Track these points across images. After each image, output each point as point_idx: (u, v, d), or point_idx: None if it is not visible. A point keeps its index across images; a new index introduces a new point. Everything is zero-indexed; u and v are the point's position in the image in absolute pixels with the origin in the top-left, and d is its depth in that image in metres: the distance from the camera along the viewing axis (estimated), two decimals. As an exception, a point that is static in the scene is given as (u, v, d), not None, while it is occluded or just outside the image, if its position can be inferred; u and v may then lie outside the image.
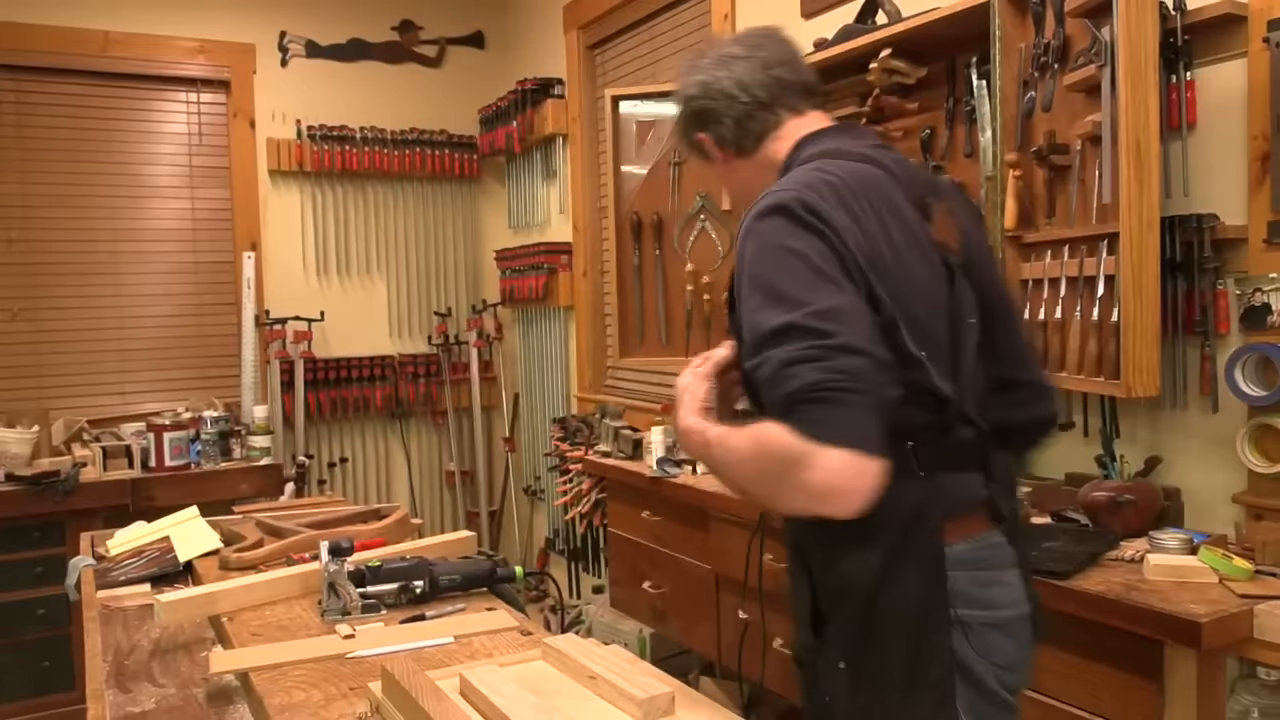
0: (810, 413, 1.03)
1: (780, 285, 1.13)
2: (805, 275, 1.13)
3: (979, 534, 1.23)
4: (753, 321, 1.14)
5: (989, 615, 1.21)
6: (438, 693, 1.13)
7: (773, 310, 1.11)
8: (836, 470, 1.02)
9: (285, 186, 4.46)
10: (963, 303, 1.24)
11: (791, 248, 1.15)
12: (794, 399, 1.05)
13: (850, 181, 1.21)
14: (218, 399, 4.12)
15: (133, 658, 1.51)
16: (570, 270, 4.26)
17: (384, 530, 2.09)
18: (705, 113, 1.39)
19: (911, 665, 1.17)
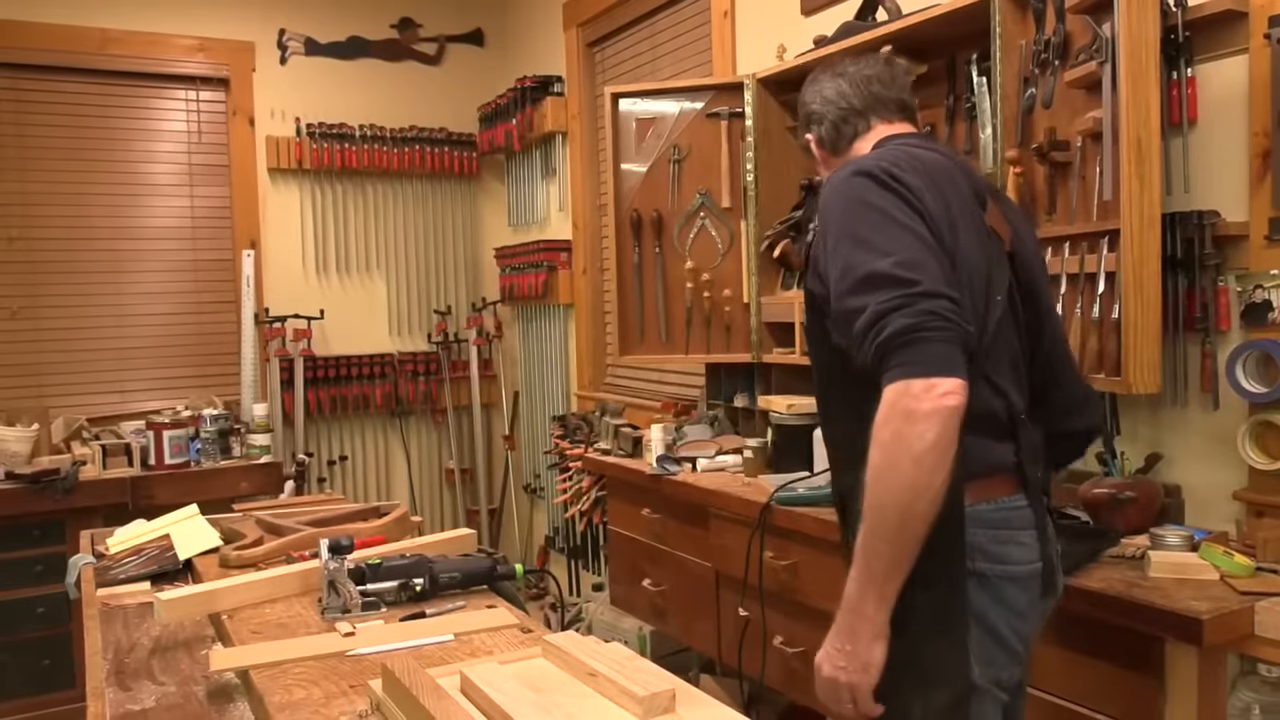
0: (902, 356, 1.22)
1: (868, 235, 1.30)
2: (889, 227, 1.30)
3: (1002, 497, 1.37)
4: (844, 264, 1.30)
5: (1004, 569, 1.35)
6: (438, 690, 1.13)
7: (862, 255, 1.28)
8: (925, 393, 1.20)
9: (285, 184, 4.45)
10: (994, 281, 1.38)
11: (875, 203, 1.32)
12: (887, 347, 1.23)
13: (921, 158, 1.40)
14: (217, 397, 4.11)
15: (133, 656, 1.51)
16: (570, 268, 4.26)
17: (384, 528, 2.08)
18: (812, 115, 1.62)
19: (931, 606, 1.31)
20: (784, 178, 2.82)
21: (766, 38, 3.04)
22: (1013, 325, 1.42)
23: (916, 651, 1.32)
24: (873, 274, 1.26)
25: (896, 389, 1.21)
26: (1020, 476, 1.39)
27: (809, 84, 1.64)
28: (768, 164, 2.82)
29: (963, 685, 1.32)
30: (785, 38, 2.90)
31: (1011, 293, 1.42)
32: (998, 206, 1.47)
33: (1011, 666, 1.39)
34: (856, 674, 1.29)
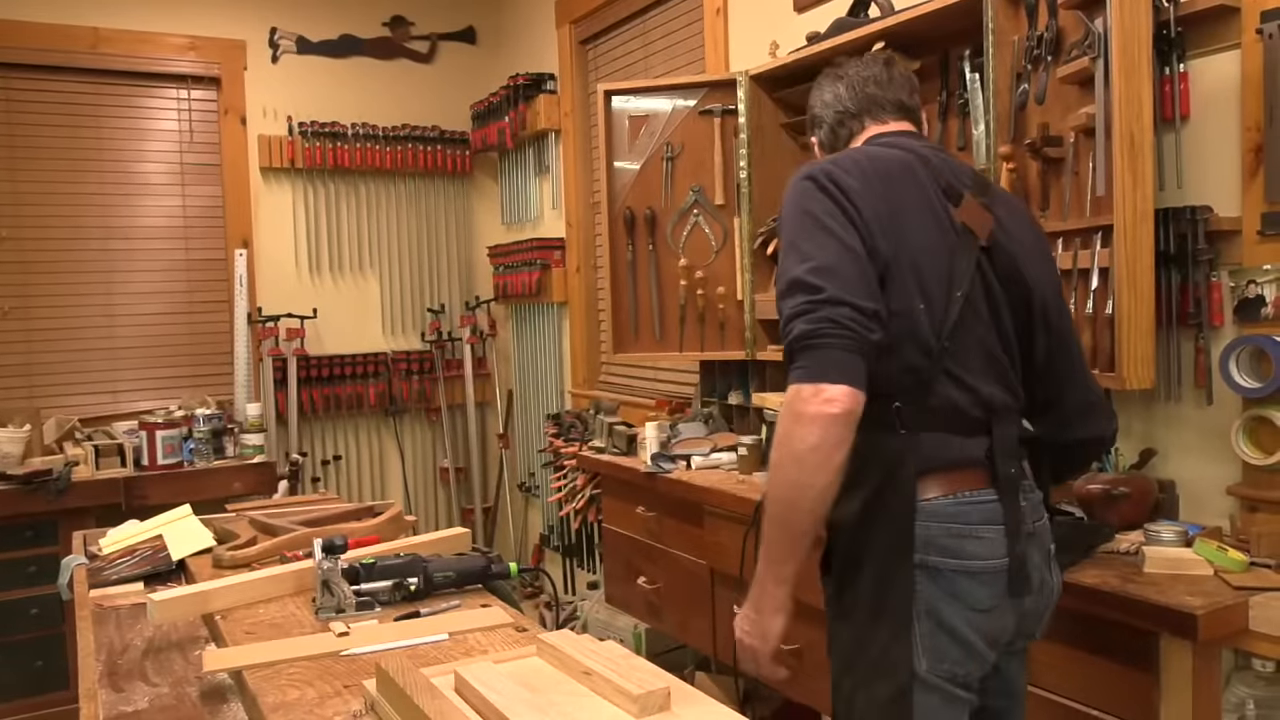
0: (801, 359, 1.30)
1: (795, 239, 1.37)
2: (816, 233, 1.36)
3: (967, 491, 1.38)
4: (779, 269, 1.40)
5: (960, 564, 1.36)
6: (432, 690, 1.12)
7: (787, 261, 1.37)
8: (811, 398, 1.28)
9: (277, 183, 4.44)
10: (955, 276, 1.39)
11: (808, 209, 1.38)
12: (791, 348, 1.32)
13: (875, 158, 1.45)
14: (210, 397, 4.10)
15: (126, 657, 1.50)
16: (563, 266, 4.25)
17: (378, 527, 2.08)
18: (814, 119, 1.66)
19: (875, 597, 1.37)
20: (777, 174, 2.82)
21: (759, 34, 3.03)
22: (985, 320, 1.41)
23: (861, 641, 1.38)
24: (791, 279, 1.34)
25: (790, 391, 1.30)
26: (991, 471, 1.39)
27: (814, 88, 1.67)
28: (761, 161, 2.82)
29: (905, 677, 1.34)
30: (778, 34, 2.89)
31: (986, 287, 1.42)
32: (981, 200, 1.45)
33: (968, 663, 1.37)
34: (758, 640, 1.42)
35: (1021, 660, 1.52)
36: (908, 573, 1.35)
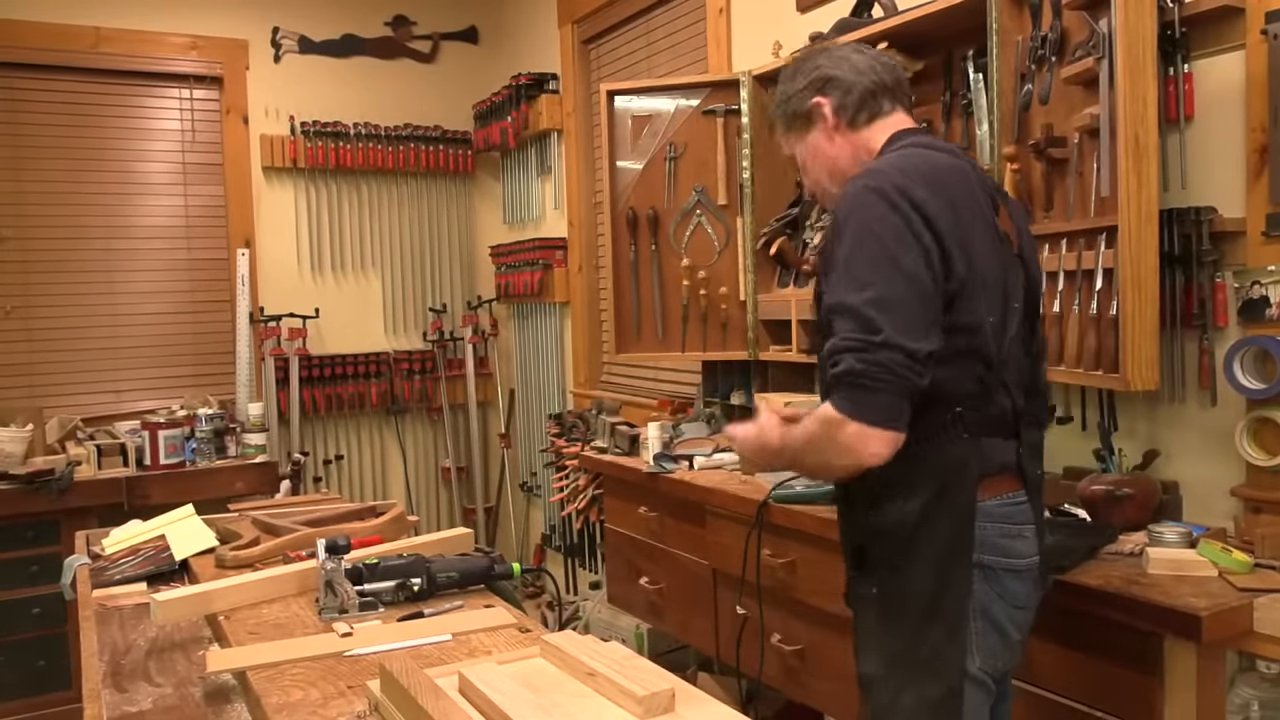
0: (849, 393, 1.30)
1: (855, 260, 1.34)
2: (878, 256, 1.33)
3: (1008, 493, 1.43)
4: (834, 285, 1.36)
5: (1009, 563, 1.41)
6: (436, 690, 1.12)
7: (845, 281, 1.34)
8: (856, 437, 1.30)
9: (279, 183, 4.44)
10: (1010, 288, 1.43)
11: (876, 230, 1.34)
12: (839, 379, 1.31)
13: (935, 165, 1.41)
14: (212, 396, 4.10)
15: (129, 657, 1.50)
16: (565, 266, 4.25)
17: (380, 527, 2.08)
18: (832, 80, 1.53)
19: (933, 597, 1.37)
20: (780, 175, 2.82)
21: (762, 34, 3.03)
22: (1023, 327, 1.46)
23: (912, 641, 1.37)
24: (847, 305, 1.32)
25: (832, 414, 1.32)
26: (1021, 474, 1.45)
27: (820, 54, 1.57)
28: (764, 161, 2.81)
29: (956, 677, 1.36)
30: (781, 34, 2.89)
31: (1022, 295, 1.46)
32: (1005, 207, 1.50)
33: (1009, 658, 1.46)
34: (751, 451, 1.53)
35: None
36: (967, 573, 1.37)
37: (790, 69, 1.59)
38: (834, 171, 1.55)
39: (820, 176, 1.58)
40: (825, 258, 1.42)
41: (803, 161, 1.59)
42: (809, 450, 1.39)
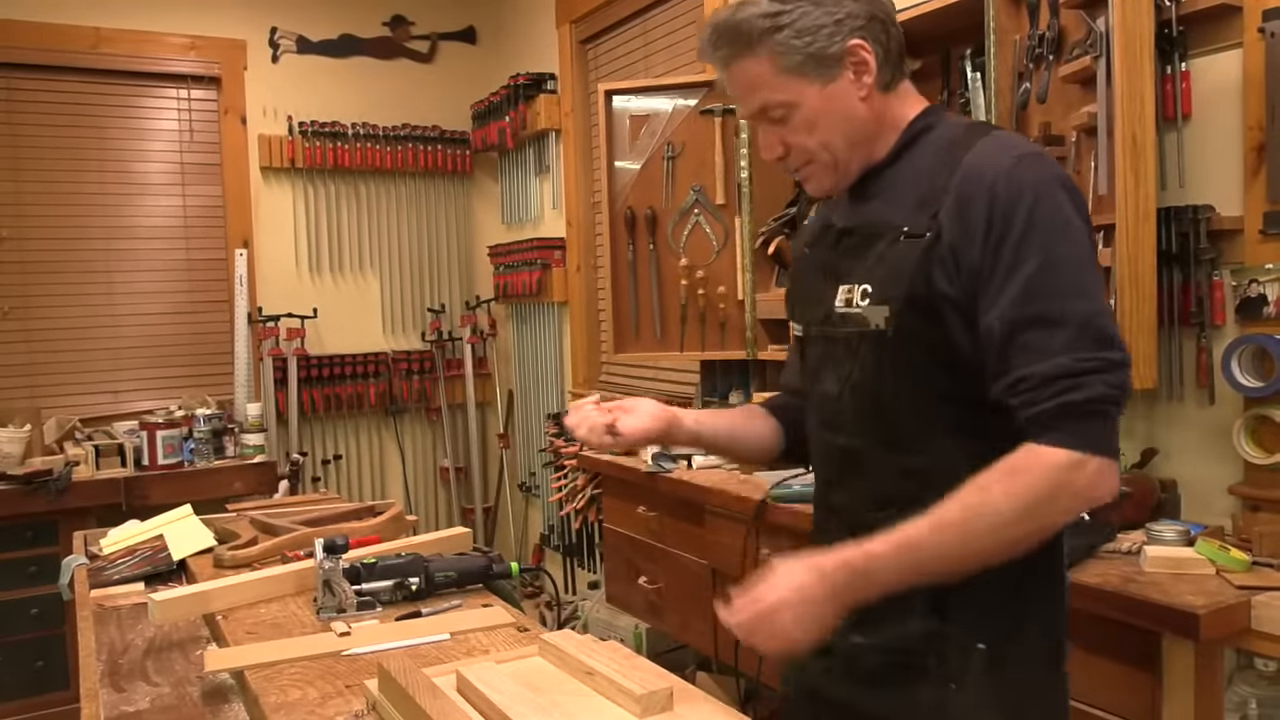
0: (1087, 424, 1.03)
1: (1072, 267, 1.06)
2: (1090, 266, 1.09)
3: None
4: (1042, 290, 1.05)
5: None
6: (434, 690, 1.12)
7: (1055, 289, 1.05)
8: (1099, 475, 1.04)
9: (277, 183, 4.44)
10: None
11: (1079, 232, 1.09)
12: (1074, 409, 1.03)
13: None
14: (211, 397, 4.10)
15: (127, 657, 1.50)
16: (564, 266, 4.25)
17: (378, 527, 2.08)
18: (876, 20, 1.17)
19: (1056, 645, 1.20)
20: (778, 174, 2.81)
21: (760, 34, 3.03)
22: None
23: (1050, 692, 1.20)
24: (1084, 321, 1.04)
25: (1078, 457, 1.02)
26: None
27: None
28: (762, 161, 2.80)
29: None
30: (779, 34, 2.89)
31: None
32: None
33: None
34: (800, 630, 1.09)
35: None
36: (1067, 615, 1.22)
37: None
38: (855, 138, 1.19)
39: (835, 140, 1.18)
40: (954, 246, 1.09)
41: (809, 116, 1.17)
42: (1021, 517, 1.03)
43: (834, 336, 1.22)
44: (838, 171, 1.21)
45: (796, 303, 1.36)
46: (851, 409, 1.21)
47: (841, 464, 1.24)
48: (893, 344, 1.14)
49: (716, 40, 1.19)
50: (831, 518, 1.27)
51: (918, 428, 1.16)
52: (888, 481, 1.19)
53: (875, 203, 1.21)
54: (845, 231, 1.23)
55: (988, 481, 1.04)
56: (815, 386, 1.28)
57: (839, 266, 1.22)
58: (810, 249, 1.33)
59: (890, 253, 1.15)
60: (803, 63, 1.15)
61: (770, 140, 1.22)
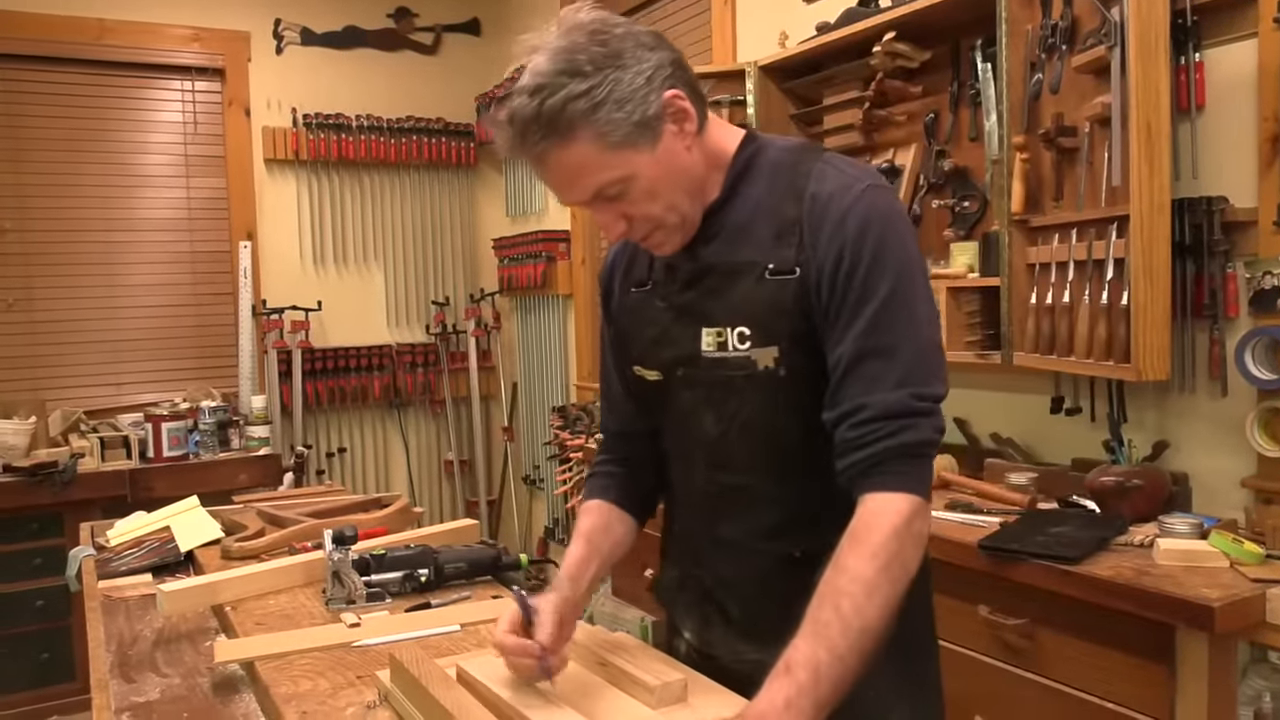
0: (917, 468, 1.06)
1: (910, 297, 1.08)
2: (923, 287, 1.10)
3: None
4: (881, 320, 1.06)
5: None
6: (448, 681, 1.12)
7: (907, 322, 1.07)
8: (928, 518, 1.07)
9: (281, 175, 4.43)
10: None
11: (917, 259, 1.12)
12: (907, 451, 1.05)
13: None
14: (215, 389, 4.09)
15: (136, 648, 1.49)
16: (569, 258, 4.24)
17: (386, 519, 2.07)
18: (677, 64, 1.11)
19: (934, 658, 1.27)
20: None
21: (768, 25, 3.01)
22: None
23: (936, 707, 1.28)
24: (906, 347, 1.06)
25: (913, 505, 1.03)
26: None
27: (600, 36, 1.07)
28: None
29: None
30: (787, 24, 2.88)
31: None
32: None
33: None
34: None
35: None
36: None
37: (560, 64, 1.05)
38: (693, 189, 1.15)
39: (678, 199, 1.13)
40: (814, 280, 1.10)
41: (647, 185, 1.10)
42: (883, 580, 1.00)
43: (710, 380, 1.18)
44: (685, 228, 1.16)
45: (635, 345, 1.27)
46: (742, 448, 1.19)
47: (730, 500, 1.22)
48: (785, 383, 1.13)
49: (525, 135, 1.06)
50: (719, 549, 1.25)
51: (811, 458, 1.14)
52: (780, 512, 1.19)
53: (720, 242, 1.17)
54: (701, 271, 1.18)
55: (842, 560, 1.02)
56: (684, 427, 1.24)
57: (696, 308, 1.18)
58: (645, 290, 1.26)
59: (758, 292, 1.13)
60: (629, 134, 1.06)
61: (610, 219, 1.13)
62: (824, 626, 0.98)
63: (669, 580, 1.36)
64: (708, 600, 1.28)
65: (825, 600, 1.00)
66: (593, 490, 1.37)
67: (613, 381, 1.37)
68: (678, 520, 1.33)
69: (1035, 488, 2.01)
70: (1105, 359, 1.79)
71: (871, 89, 2.43)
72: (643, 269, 1.28)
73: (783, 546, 1.19)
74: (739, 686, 1.16)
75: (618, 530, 1.33)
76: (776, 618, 1.11)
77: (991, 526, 1.83)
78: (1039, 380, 2.16)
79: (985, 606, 1.74)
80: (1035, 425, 2.23)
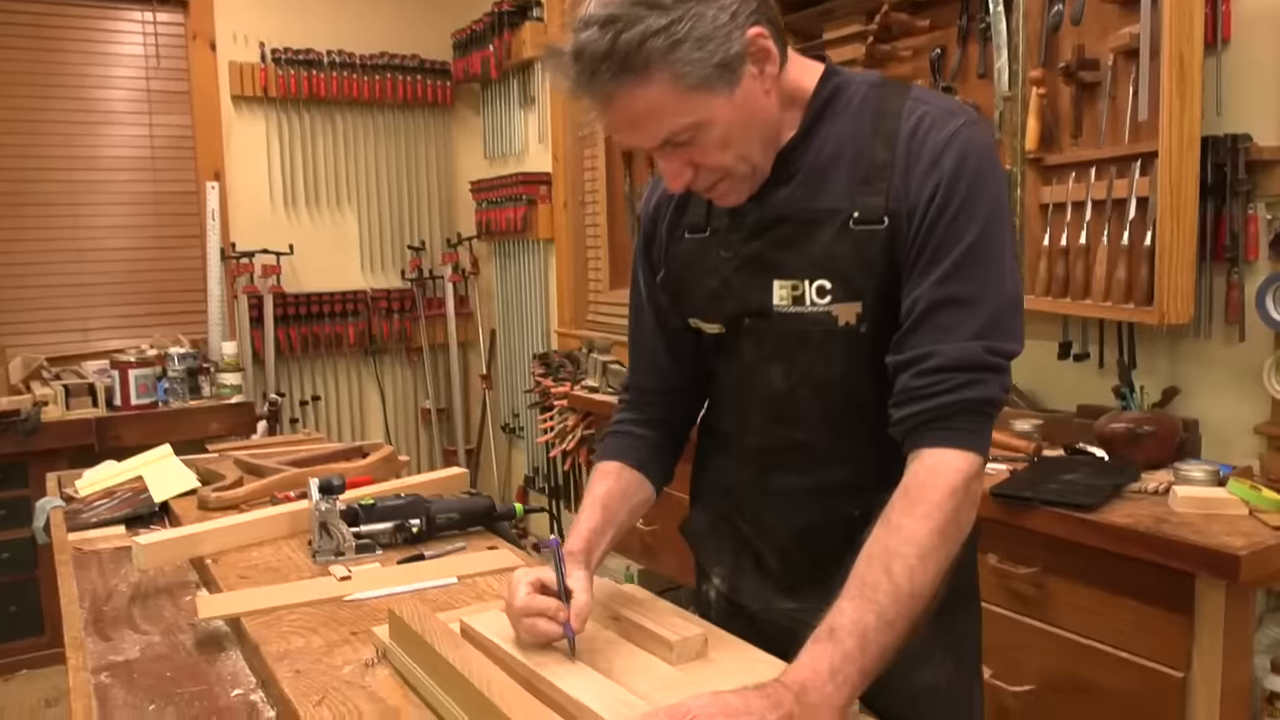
0: (981, 426, 0.99)
1: (999, 245, 1.01)
2: (1014, 244, 1.05)
3: None
4: (965, 266, 0.99)
5: None
6: (454, 638, 1.05)
7: (992, 272, 1.00)
8: (982, 481, 1.01)
9: (249, 113, 4.25)
10: None
11: (1006, 207, 1.05)
12: (972, 407, 0.99)
13: None
14: (184, 335, 3.96)
15: (111, 603, 1.41)
16: (550, 202, 4.12)
17: (370, 468, 2.00)
18: (762, 0, 1.01)
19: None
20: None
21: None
22: None
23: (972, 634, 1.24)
24: (996, 305, 1.00)
25: (972, 464, 0.97)
26: None
27: None
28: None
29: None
30: (783, -45, 2.75)
31: None
32: None
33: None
34: None
35: None
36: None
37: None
38: (769, 137, 1.06)
39: (751, 148, 1.04)
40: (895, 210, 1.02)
41: (721, 133, 1.01)
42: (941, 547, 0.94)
43: (781, 333, 1.10)
44: (755, 178, 1.07)
45: (691, 297, 1.18)
46: (811, 405, 1.12)
47: (789, 455, 1.16)
48: (865, 340, 1.07)
49: (594, 72, 0.96)
50: (768, 499, 1.19)
51: (883, 418, 1.06)
52: (844, 471, 1.14)
53: (796, 186, 1.08)
54: (773, 219, 1.09)
55: (895, 519, 0.95)
56: (745, 380, 1.17)
57: (767, 258, 1.09)
58: (702, 236, 1.16)
59: (841, 244, 1.05)
60: (708, 76, 0.97)
61: (676, 166, 1.03)
62: (872, 589, 0.92)
63: (700, 524, 1.30)
64: (744, 548, 1.22)
65: (875, 561, 0.94)
66: (612, 450, 1.27)
67: (645, 332, 1.28)
68: (721, 467, 1.26)
69: (1040, 435, 1.96)
70: (1124, 302, 1.73)
71: (876, 23, 2.33)
72: (699, 212, 1.17)
73: (840, 505, 1.13)
74: (769, 638, 1.11)
75: (636, 498, 1.25)
76: (816, 572, 1.11)
77: (999, 474, 1.78)
78: (1046, 325, 2.10)
79: (994, 555, 1.70)
80: (1041, 371, 2.18)
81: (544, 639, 1.04)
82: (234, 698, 1.12)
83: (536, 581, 1.07)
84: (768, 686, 0.88)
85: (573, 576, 1.08)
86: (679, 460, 1.32)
